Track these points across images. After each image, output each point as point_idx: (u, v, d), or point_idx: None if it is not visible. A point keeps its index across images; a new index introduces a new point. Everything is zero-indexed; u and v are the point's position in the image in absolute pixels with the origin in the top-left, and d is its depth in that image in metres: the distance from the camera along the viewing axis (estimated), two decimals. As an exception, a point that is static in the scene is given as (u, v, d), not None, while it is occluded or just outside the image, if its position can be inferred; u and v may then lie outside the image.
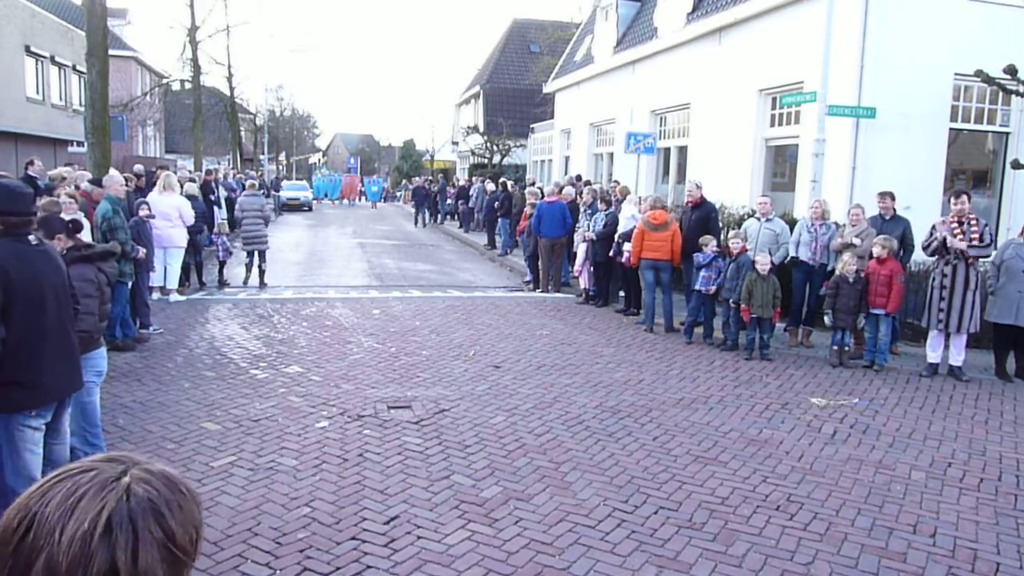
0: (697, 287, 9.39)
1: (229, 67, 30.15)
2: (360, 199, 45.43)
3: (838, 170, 11.09)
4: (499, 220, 18.72)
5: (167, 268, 10.89)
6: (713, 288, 9.33)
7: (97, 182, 9.81)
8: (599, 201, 12.16)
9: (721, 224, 11.19)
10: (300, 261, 17.06)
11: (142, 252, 8.57)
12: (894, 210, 9.07)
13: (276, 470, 5.15)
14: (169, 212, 10.48)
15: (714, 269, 9.34)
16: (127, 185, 10.19)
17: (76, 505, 0.93)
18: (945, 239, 7.96)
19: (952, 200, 8.21)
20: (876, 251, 8.44)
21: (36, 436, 3.82)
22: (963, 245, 7.87)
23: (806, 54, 11.38)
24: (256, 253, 12.94)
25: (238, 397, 6.74)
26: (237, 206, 13.36)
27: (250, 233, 12.73)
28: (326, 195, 44.49)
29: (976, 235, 7.93)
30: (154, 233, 9.96)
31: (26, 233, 3.80)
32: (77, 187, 9.37)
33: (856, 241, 8.74)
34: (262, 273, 13.05)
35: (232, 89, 30.78)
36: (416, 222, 28.28)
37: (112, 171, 9.80)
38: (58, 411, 4.05)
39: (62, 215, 5.68)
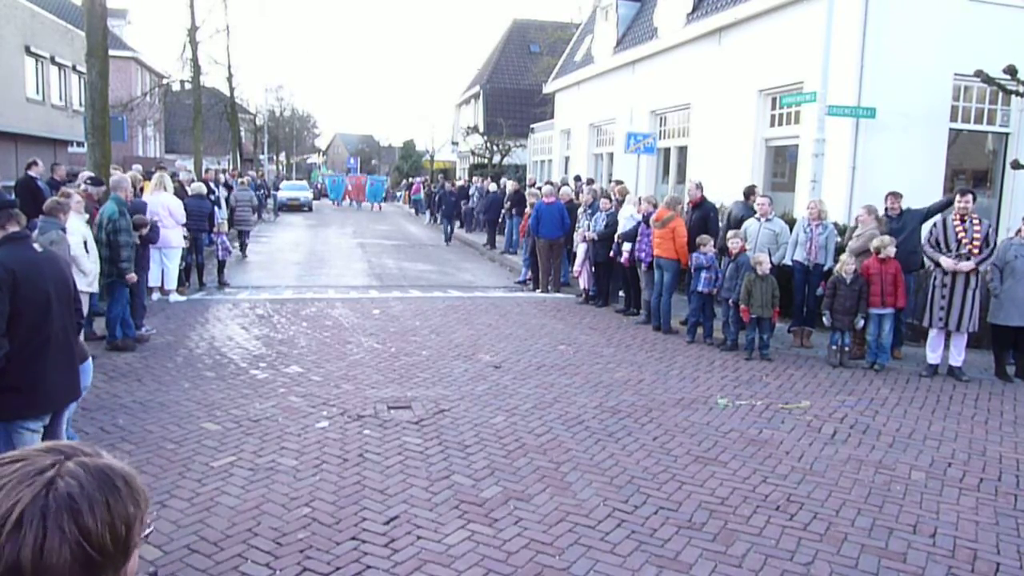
0: (699, 288, 9.39)
1: (229, 67, 30.08)
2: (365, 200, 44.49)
3: (838, 170, 11.09)
4: (508, 220, 18.74)
5: (165, 268, 10.87)
6: (715, 289, 9.33)
7: (96, 181, 9.82)
8: (600, 199, 12.14)
9: (720, 224, 11.18)
10: (300, 261, 17.06)
11: (133, 277, 8.41)
12: (900, 208, 9.13)
13: (276, 470, 5.15)
14: (158, 211, 10.42)
15: (714, 270, 9.35)
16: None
17: None
18: (949, 259, 8.01)
19: (958, 197, 8.21)
20: (888, 251, 8.43)
21: (35, 438, 3.82)
22: (968, 267, 7.90)
23: (806, 54, 11.38)
24: (243, 233, 17.15)
25: (238, 397, 6.74)
26: (232, 198, 16.95)
27: (240, 218, 16.73)
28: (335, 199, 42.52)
29: (978, 235, 7.92)
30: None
31: (27, 237, 3.79)
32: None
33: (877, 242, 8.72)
34: (245, 246, 17.20)
35: (232, 89, 30.72)
36: (447, 238, 22.47)
37: (121, 174, 9.79)
38: (56, 414, 4.05)
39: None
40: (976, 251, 7.92)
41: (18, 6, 22.05)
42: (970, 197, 8.13)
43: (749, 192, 10.95)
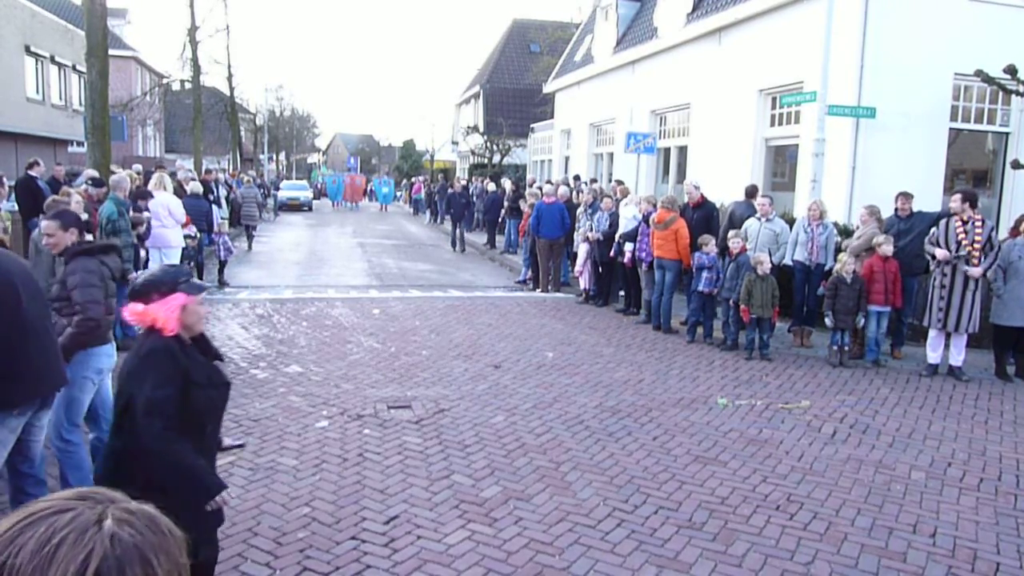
0: (700, 288, 9.39)
1: (229, 67, 30.10)
2: (366, 200, 44.01)
3: (838, 170, 11.09)
4: (507, 220, 18.71)
5: (165, 268, 10.85)
6: (716, 289, 9.33)
7: (98, 183, 9.82)
8: (603, 199, 12.13)
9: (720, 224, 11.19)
10: (300, 261, 17.06)
11: (135, 276, 8.60)
12: (910, 210, 9.10)
13: (276, 470, 5.15)
14: (158, 211, 10.41)
15: (715, 270, 9.35)
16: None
17: (55, 553, 0.84)
18: (949, 257, 7.99)
19: (955, 199, 8.19)
20: (884, 249, 8.43)
21: (11, 438, 3.81)
22: (978, 272, 7.88)
23: (806, 54, 11.38)
24: (249, 227, 18.50)
25: (238, 397, 6.73)
26: (239, 195, 18.54)
27: (247, 213, 18.09)
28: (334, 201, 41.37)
29: (979, 237, 7.89)
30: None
31: None
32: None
33: (880, 239, 8.69)
34: (251, 238, 18.66)
35: (232, 89, 30.74)
36: (459, 245, 19.91)
37: (120, 173, 9.78)
38: (39, 409, 4.03)
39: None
40: (976, 253, 7.89)
41: (18, 6, 22.05)
42: (958, 196, 8.09)
43: (752, 192, 10.93)
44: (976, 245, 7.88)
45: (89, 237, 5.01)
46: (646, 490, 5.02)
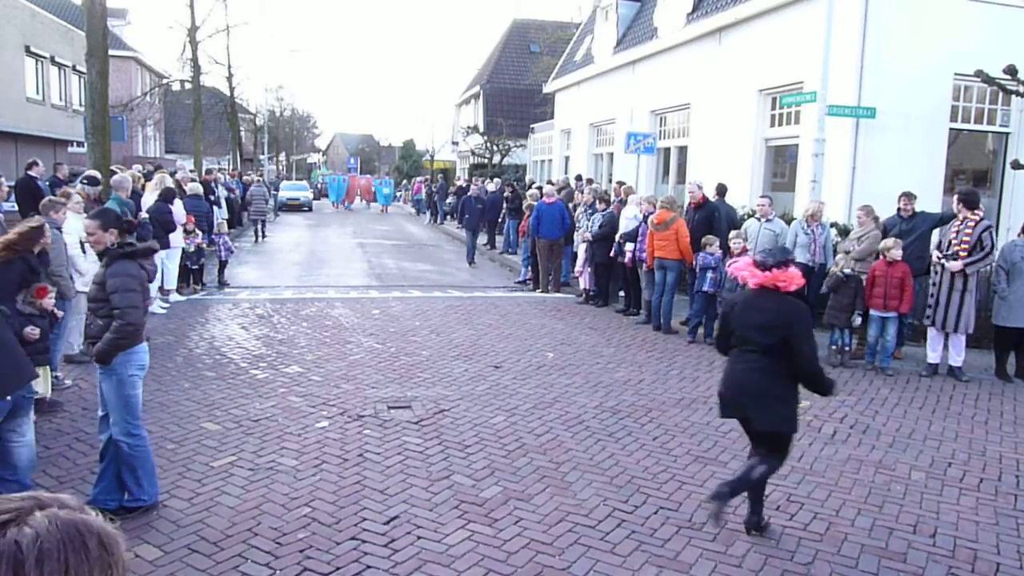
0: (705, 288, 9.37)
1: (229, 67, 30.08)
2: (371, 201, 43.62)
3: (838, 170, 11.09)
4: (508, 220, 18.69)
5: (165, 268, 10.88)
6: (718, 289, 9.32)
7: (93, 181, 9.81)
8: (598, 201, 12.14)
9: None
10: (300, 261, 17.06)
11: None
12: (912, 210, 9.08)
13: (276, 470, 5.15)
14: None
15: (720, 271, 9.34)
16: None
17: None
18: (940, 260, 8.05)
19: (954, 200, 8.21)
20: (893, 254, 8.39)
21: None
22: (958, 266, 7.89)
23: (806, 54, 11.38)
24: (259, 223, 20.82)
25: (238, 397, 6.74)
26: (248, 194, 20.93)
27: (257, 208, 20.54)
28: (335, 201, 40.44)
29: (968, 237, 7.87)
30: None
31: None
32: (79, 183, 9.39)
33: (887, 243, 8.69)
34: (262, 234, 20.90)
35: (232, 89, 30.72)
36: (471, 258, 17.28)
37: (122, 173, 9.77)
38: (15, 410, 4.03)
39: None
40: (963, 254, 7.89)
41: (18, 6, 22.06)
42: (955, 198, 8.13)
43: (722, 190, 10.98)
44: (964, 245, 7.87)
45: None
46: (646, 490, 5.02)
